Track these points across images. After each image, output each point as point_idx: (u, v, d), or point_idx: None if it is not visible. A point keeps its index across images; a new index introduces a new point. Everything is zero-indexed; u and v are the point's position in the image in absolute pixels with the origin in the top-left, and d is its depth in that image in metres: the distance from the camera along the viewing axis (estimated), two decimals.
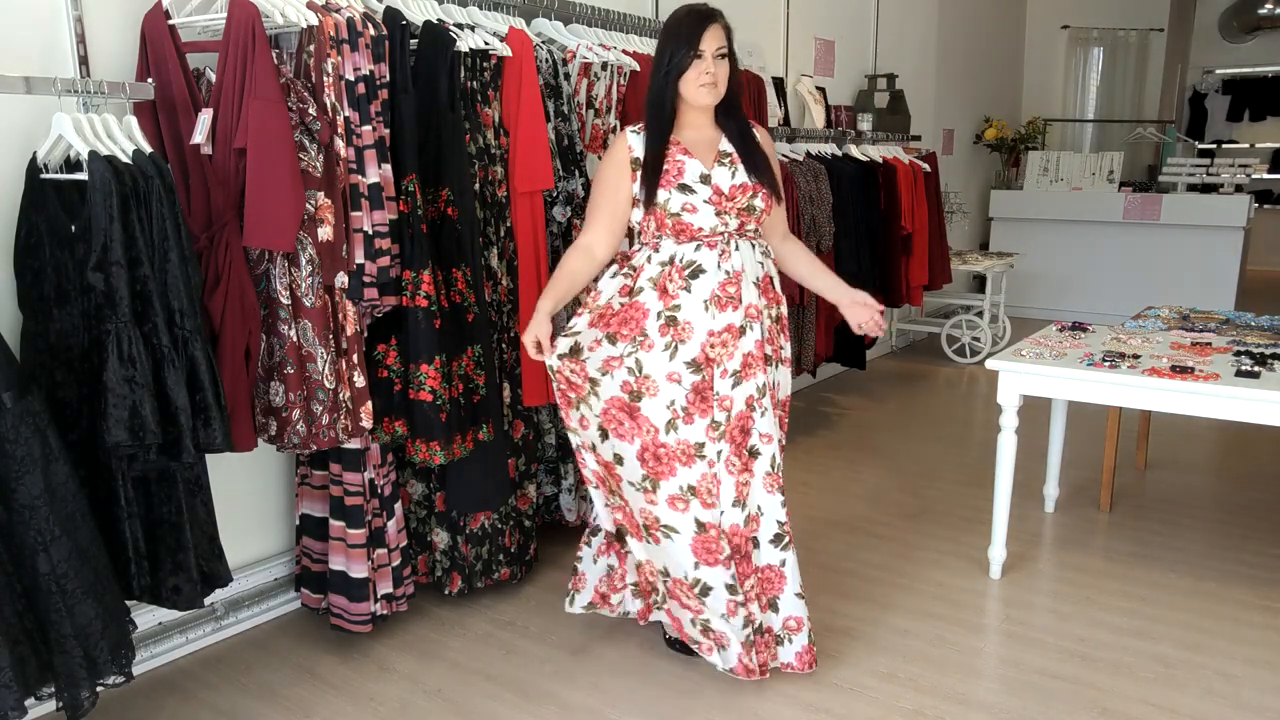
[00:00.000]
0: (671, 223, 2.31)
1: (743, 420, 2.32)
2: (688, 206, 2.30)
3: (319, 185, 2.19)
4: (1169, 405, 2.70)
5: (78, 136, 1.93)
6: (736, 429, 2.32)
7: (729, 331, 2.30)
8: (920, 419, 4.93)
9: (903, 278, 5.08)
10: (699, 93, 2.28)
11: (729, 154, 2.36)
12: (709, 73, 2.26)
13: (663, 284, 2.32)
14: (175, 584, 2.12)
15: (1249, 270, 7.47)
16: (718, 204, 2.31)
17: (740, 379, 2.31)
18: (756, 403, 2.32)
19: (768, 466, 2.36)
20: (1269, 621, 2.75)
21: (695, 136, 2.36)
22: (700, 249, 2.32)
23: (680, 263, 2.32)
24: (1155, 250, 7.07)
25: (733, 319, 2.30)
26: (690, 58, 2.26)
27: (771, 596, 2.40)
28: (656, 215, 2.32)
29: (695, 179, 2.31)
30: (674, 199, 2.30)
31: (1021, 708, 2.33)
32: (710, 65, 2.27)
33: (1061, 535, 3.39)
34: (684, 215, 2.30)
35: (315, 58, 2.20)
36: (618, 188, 2.36)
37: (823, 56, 5.43)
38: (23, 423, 1.78)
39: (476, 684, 2.45)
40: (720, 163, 2.34)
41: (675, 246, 2.33)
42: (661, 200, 2.30)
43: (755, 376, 2.32)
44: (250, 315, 2.16)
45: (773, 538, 2.37)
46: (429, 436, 2.48)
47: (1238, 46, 10.47)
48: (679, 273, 2.31)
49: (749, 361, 2.31)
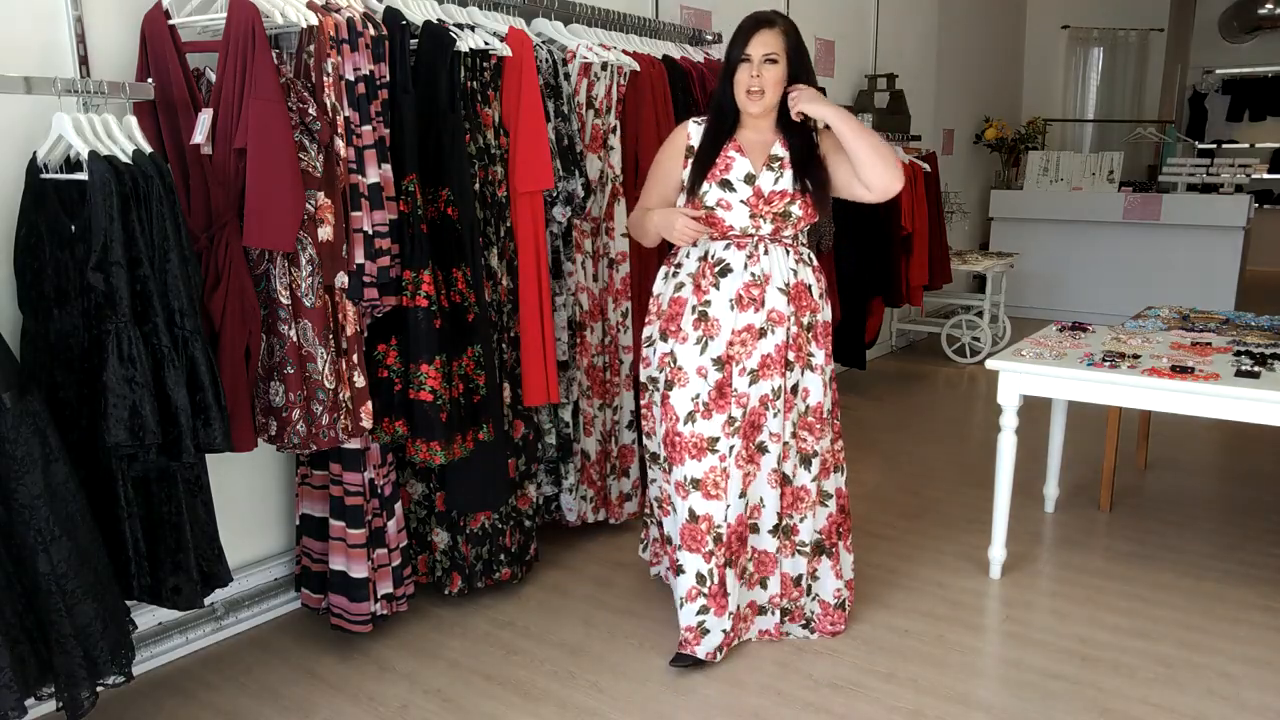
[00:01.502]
0: (705, 214, 2.40)
1: (755, 416, 2.44)
2: (723, 202, 2.39)
3: (319, 185, 2.19)
4: (1169, 405, 2.70)
5: (78, 136, 1.93)
6: (748, 424, 2.44)
7: (749, 331, 2.41)
8: (920, 419, 4.93)
9: (903, 278, 5.08)
10: (744, 100, 2.36)
11: (780, 159, 2.42)
12: (754, 76, 2.31)
13: (698, 279, 2.45)
14: (175, 584, 2.12)
15: (1249, 270, 7.47)
16: (754, 206, 2.39)
17: (757, 378, 2.42)
18: (770, 403, 2.44)
19: (774, 464, 2.47)
20: (1269, 621, 2.75)
21: (753, 138, 2.43)
22: (730, 248, 2.43)
23: (711, 259, 2.44)
24: (1155, 250, 7.07)
25: (754, 320, 2.41)
26: (739, 60, 2.34)
27: (763, 576, 2.59)
28: (694, 205, 2.42)
29: (740, 177, 2.39)
30: (712, 192, 2.40)
31: (1021, 708, 2.33)
32: (756, 69, 2.31)
33: (1061, 535, 3.39)
34: (718, 210, 2.40)
35: (315, 58, 2.20)
36: (670, 171, 2.50)
37: (823, 56, 5.43)
38: (23, 423, 1.78)
39: (476, 684, 2.45)
40: (770, 167, 2.41)
41: (709, 243, 2.45)
42: (701, 191, 2.41)
43: (771, 378, 2.43)
44: (250, 315, 2.15)
45: (771, 527, 2.53)
46: (429, 436, 2.48)
47: (1238, 46, 10.47)
48: (710, 269, 2.43)
49: (766, 362, 2.42)
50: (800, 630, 2.65)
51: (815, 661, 2.53)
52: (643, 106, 3.19)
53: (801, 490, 2.55)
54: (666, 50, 3.48)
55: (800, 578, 2.60)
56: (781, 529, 2.55)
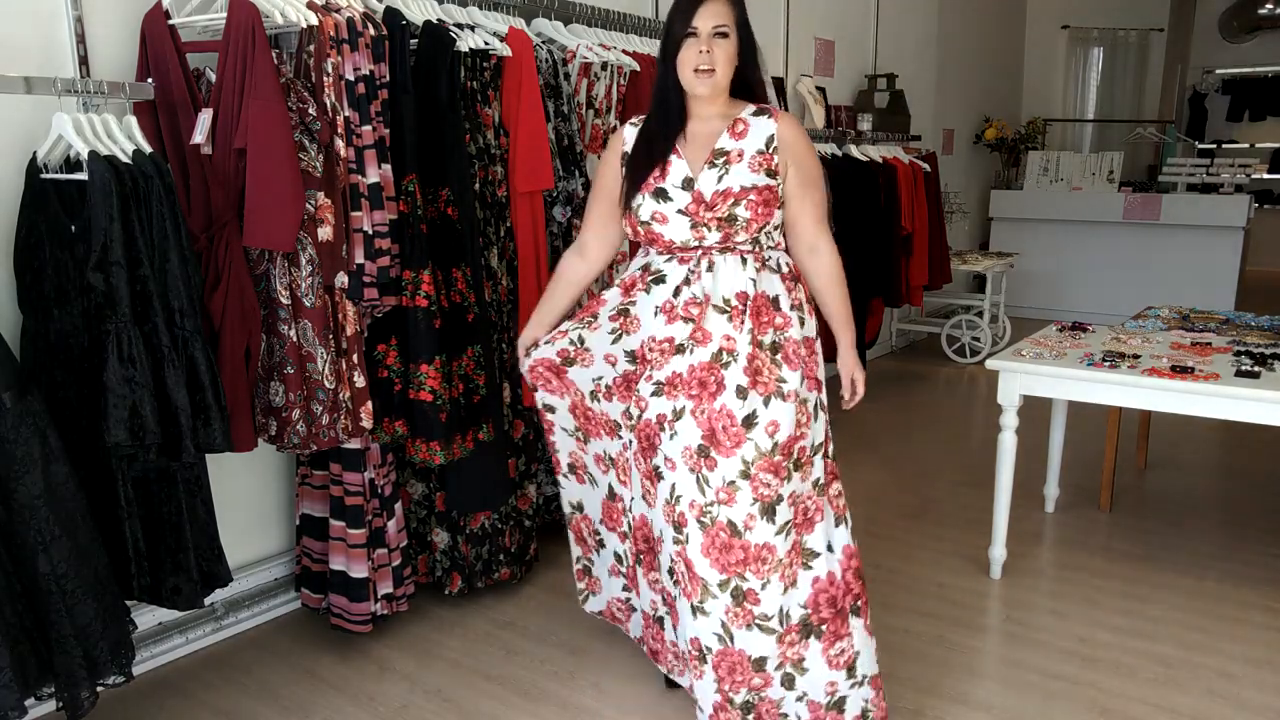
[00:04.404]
0: (643, 231, 2.08)
1: (648, 430, 2.08)
2: (658, 216, 2.04)
3: (319, 185, 2.19)
4: (1169, 405, 2.70)
5: (78, 136, 1.93)
6: (643, 434, 2.10)
7: (667, 343, 2.06)
8: (920, 419, 4.93)
9: (903, 278, 5.08)
10: (691, 80, 1.99)
11: (725, 153, 2.03)
12: (704, 53, 1.96)
13: (628, 283, 2.17)
14: (175, 584, 2.12)
15: (1249, 270, 7.47)
16: (694, 214, 2.01)
17: (661, 391, 2.05)
18: (667, 423, 2.03)
19: (667, 495, 2.03)
20: (1269, 621, 2.75)
21: (697, 130, 2.07)
22: (671, 261, 2.09)
23: (651, 270, 2.12)
24: (1155, 250, 7.07)
25: (674, 333, 2.05)
26: (683, 36, 1.98)
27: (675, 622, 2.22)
28: (630, 220, 2.10)
29: (678, 183, 2.03)
30: (646, 205, 2.05)
31: (1021, 708, 2.33)
32: (705, 44, 1.96)
33: (1061, 535, 3.39)
34: (654, 225, 2.05)
35: (315, 58, 2.20)
36: (606, 186, 2.17)
37: (823, 56, 5.42)
38: (23, 423, 1.78)
39: (476, 684, 2.45)
40: (713, 163, 2.02)
41: (651, 255, 2.13)
42: (634, 205, 2.06)
43: (677, 399, 2.02)
44: (250, 315, 2.15)
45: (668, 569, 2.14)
46: (429, 436, 2.48)
47: (1238, 46, 10.47)
48: (643, 277, 2.14)
49: (675, 381, 2.03)
50: None
51: None
52: (643, 106, 3.18)
53: (763, 549, 1.97)
54: None
55: (764, 660, 1.99)
56: (730, 591, 1.97)
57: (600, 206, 2.21)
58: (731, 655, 2.00)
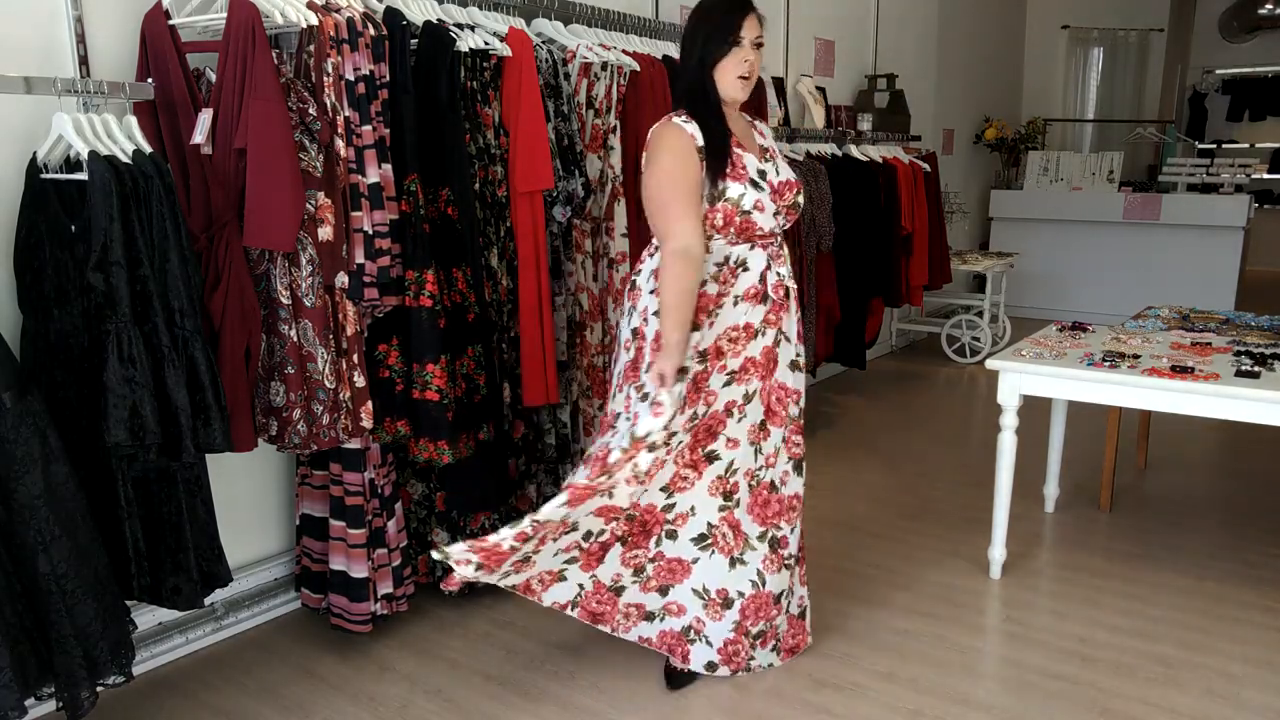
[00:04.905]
0: (740, 221, 2.19)
1: (712, 421, 2.26)
2: (759, 204, 2.19)
3: (319, 185, 2.19)
4: (1169, 405, 2.70)
5: (78, 136, 1.93)
6: (703, 428, 2.26)
7: (747, 329, 2.24)
8: (920, 419, 4.93)
9: (903, 278, 5.08)
10: (735, 85, 2.19)
11: (768, 149, 2.28)
12: (748, 61, 2.17)
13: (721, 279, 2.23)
14: (175, 584, 2.12)
15: (1249, 270, 7.47)
16: (776, 202, 2.22)
17: (733, 380, 2.26)
18: (736, 408, 2.27)
19: (720, 471, 2.29)
20: (1269, 621, 2.75)
21: (739, 130, 2.25)
22: (755, 249, 2.24)
23: (732, 260, 2.23)
24: (1155, 250, 7.07)
25: (753, 318, 2.24)
26: (727, 46, 2.16)
27: (665, 584, 2.37)
28: (725, 211, 2.18)
29: (757, 174, 2.21)
30: (748, 195, 2.18)
31: (1021, 708, 2.33)
32: (749, 54, 2.17)
33: (1061, 535, 3.39)
34: (754, 214, 2.20)
35: (315, 58, 2.20)
36: (695, 180, 2.17)
37: (823, 56, 5.43)
38: (23, 423, 1.78)
39: (476, 684, 2.45)
40: (767, 158, 2.26)
41: (728, 248, 2.22)
42: (735, 195, 2.17)
43: (749, 382, 2.26)
44: (250, 315, 2.16)
45: (696, 536, 2.33)
46: (435, 436, 2.48)
47: (1238, 46, 10.48)
48: (732, 270, 2.23)
49: (748, 366, 2.26)
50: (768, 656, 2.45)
51: (816, 662, 2.53)
52: (643, 106, 3.19)
53: (793, 499, 2.37)
54: (667, 50, 3.47)
55: (782, 594, 2.40)
56: (769, 540, 2.34)
57: (697, 203, 2.18)
58: (761, 596, 2.36)
